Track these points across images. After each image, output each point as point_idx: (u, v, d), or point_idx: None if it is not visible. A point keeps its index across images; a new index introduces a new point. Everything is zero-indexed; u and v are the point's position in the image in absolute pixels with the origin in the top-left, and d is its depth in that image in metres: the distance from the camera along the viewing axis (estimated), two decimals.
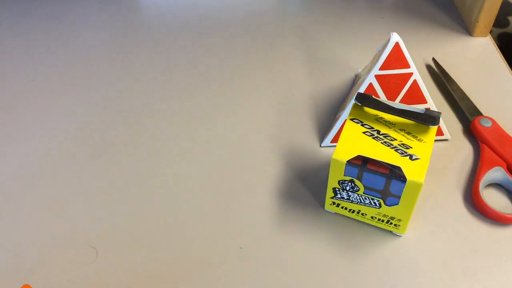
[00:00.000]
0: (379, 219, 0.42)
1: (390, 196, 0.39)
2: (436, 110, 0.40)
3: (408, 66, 0.46)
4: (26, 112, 0.54)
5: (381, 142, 0.38)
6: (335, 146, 0.49)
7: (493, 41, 0.62)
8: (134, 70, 0.59)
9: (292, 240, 0.42)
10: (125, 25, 0.65)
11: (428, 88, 0.49)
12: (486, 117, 0.50)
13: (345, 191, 0.41)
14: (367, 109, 0.41)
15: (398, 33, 0.45)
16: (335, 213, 0.44)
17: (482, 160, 0.47)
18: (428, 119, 0.39)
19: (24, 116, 0.53)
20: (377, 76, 0.46)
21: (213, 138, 0.51)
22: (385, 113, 0.40)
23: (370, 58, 0.58)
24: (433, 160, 0.48)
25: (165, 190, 0.46)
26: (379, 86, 0.47)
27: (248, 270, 0.40)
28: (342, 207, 0.43)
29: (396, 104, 0.40)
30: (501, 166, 0.46)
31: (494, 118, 0.50)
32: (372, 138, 0.39)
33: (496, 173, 0.46)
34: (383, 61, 0.46)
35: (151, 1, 0.69)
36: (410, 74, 0.47)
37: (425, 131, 0.39)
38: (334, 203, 0.43)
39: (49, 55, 0.61)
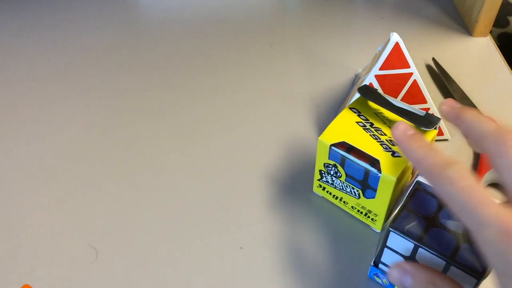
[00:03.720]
0: (358, 210, 0.42)
1: (368, 189, 0.39)
2: (437, 116, 0.40)
3: (408, 66, 0.46)
4: (26, 112, 0.54)
5: (370, 134, 0.39)
6: None
7: (493, 41, 0.62)
8: (134, 70, 0.59)
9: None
10: (125, 25, 0.65)
11: (428, 88, 0.49)
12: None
13: (329, 175, 0.42)
14: (371, 102, 0.42)
15: (398, 33, 0.45)
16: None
17: (482, 160, 0.47)
18: (424, 122, 0.39)
19: (24, 116, 0.53)
20: (377, 76, 0.46)
21: (212, 138, 0.51)
22: (385, 109, 0.41)
23: (370, 58, 0.58)
24: None
25: (165, 189, 0.46)
26: (379, 86, 0.47)
27: (248, 265, 0.40)
28: (327, 192, 0.44)
29: (398, 102, 0.41)
30: None
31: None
32: (363, 129, 0.40)
33: (496, 173, 0.46)
34: (383, 61, 0.46)
35: (151, 1, 0.69)
36: (410, 74, 0.47)
37: (422, 133, 0.39)
38: (320, 186, 0.44)
39: (49, 55, 0.61)
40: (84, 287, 0.39)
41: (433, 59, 0.58)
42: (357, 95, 0.44)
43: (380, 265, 0.37)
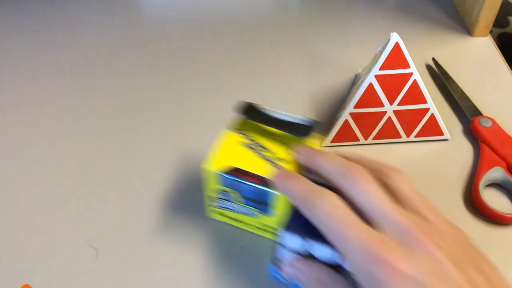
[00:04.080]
0: (261, 229, 0.41)
1: (266, 206, 0.38)
2: (318, 120, 0.39)
3: (408, 66, 0.46)
4: (26, 112, 0.54)
5: (257, 154, 0.38)
6: (335, 146, 0.50)
7: (493, 41, 0.62)
8: (134, 70, 0.59)
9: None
10: (125, 25, 0.65)
11: (428, 88, 0.49)
12: (486, 117, 0.50)
13: (223, 200, 0.40)
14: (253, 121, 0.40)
15: (398, 33, 0.45)
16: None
17: (482, 160, 0.47)
18: (304, 130, 0.39)
19: (24, 116, 0.53)
20: (377, 76, 0.46)
21: (213, 138, 0.51)
22: (268, 126, 0.40)
23: (370, 58, 0.58)
24: (433, 160, 0.48)
25: (164, 189, 0.46)
26: (379, 86, 0.47)
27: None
28: (225, 215, 0.42)
29: (276, 112, 0.40)
30: (501, 166, 0.46)
31: (494, 118, 0.50)
32: (249, 149, 0.38)
33: (496, 173, 0.46)
34: (383, 61, 0.46)
35: (151, 1, 0.69)
36: (410, 74, 0.47)
37: (305, 141, 0.39)
38: (216, 211, 0.42)
39: (49, 55, 0.61)
40: (84, 287, 0.39)
41: (433, 59, 0.58)
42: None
43: (279, 263, 0.38)
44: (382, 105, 0.48)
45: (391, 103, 0.48)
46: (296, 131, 0.39)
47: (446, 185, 0.46)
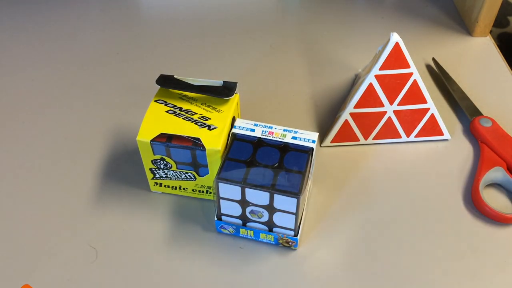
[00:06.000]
0: (199, 191, 0.44)
1: (201, 167, 0.41)
2: (234, 81, 0.43)
3: (408, 66, 0.46)
4: (26, 112, 0.54)
5: (182, 118, 0.41)
6: (335, 146, 0.50)
7: (493, 41, 0.62)
8: (134, 70, 0.59)
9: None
10: (125, 25, 0.65)
11: (428, 88, 0.49)
12: (486, 117, 0.50)
13: (161, 170, 0.43)
14: (172, 89, 0.43)
15: (398, 33, 0.45)
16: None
17: (482, 160, 0.47)
18: (224, 91, 0.42)
19: (24, 116, 0.53)
20: (377, 76, 0.46)
21: None
22: (187, 92, 0.43)
23: (370, 58, 0.58)
24: (433, 160, 0.48)
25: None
26: (379, 86, 0.47)
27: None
28: (165, 186, 0.44)
29: (195, 80, 0.43)
30: (501, 166, 0.46)
31: (494, 118, 0.50)
32: (175, 115, 0.41)
33: (496, 173, 0.46)
34: (383, 61, 0.46)
35: (151, 1, 0.69)
36: (410, 74, 0.47)
37: (225, 102, 0.42)
38: (157, 183, 0.44)
39: (49, 55, 0.61)
40: (84, 287, 0.39)
41: (433, 59, 0.58)
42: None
43: (223, 217, 0.41)
44: (382, 105, 0.48)
45: (391, 103, 0.48)
46: (218, 93, 0.42)
47: (446, 185, 0.46)
